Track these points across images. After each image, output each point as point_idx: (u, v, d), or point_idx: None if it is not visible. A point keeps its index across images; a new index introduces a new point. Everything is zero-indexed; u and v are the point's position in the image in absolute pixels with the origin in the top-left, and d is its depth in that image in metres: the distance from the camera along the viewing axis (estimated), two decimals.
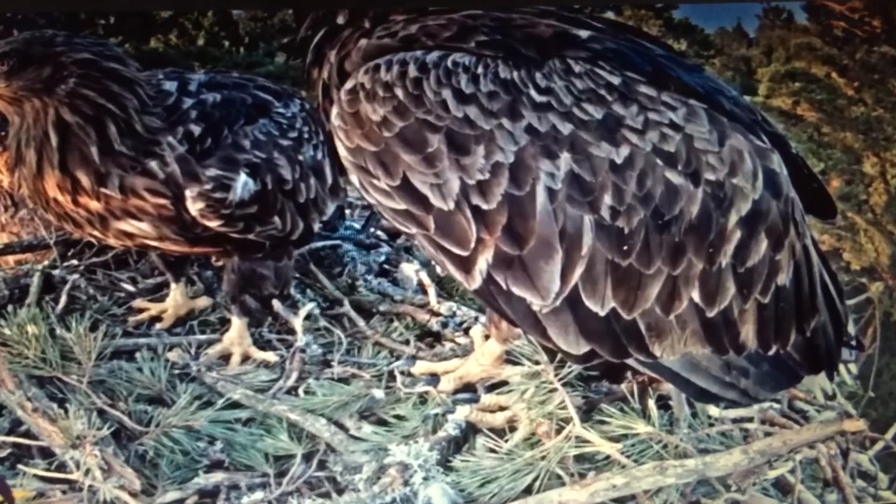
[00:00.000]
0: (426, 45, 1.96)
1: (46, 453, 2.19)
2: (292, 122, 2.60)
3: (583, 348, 1.93)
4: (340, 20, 2.05)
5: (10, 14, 2.59)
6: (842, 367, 2.45)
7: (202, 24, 4.09)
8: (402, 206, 1.89)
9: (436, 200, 1.86)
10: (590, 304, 1.89)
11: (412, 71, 1.88)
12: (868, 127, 3.97)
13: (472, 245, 1.86)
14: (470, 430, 2.22)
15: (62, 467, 2.12)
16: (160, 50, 3.95)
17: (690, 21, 4.30)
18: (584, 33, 2.00)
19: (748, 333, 2.00)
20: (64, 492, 2.09)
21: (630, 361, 1.98)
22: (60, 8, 2.35)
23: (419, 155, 1.85)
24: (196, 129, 2.39)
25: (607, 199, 1.85)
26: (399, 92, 1.87)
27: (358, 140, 1.89)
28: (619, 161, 1.86)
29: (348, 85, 1.93)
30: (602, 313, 1.90)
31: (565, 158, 1.84)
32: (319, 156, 2.64)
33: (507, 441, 2.16)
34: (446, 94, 1.86)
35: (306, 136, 2.61)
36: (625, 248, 1.87)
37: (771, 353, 2.03)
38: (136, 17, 3.77)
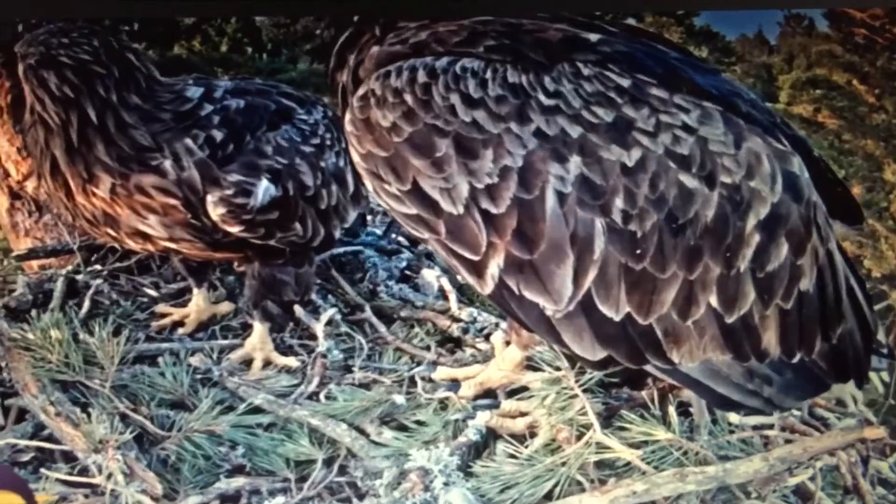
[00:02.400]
0: (436, 50, 1.97)
1: (69, 457, 2.20)
2: (315, 128, 2.60)
3: (599, 354, 1.92)
4: (377, 32, 2.05)
5: (34, 21, 2.61)
6: (873, 376, 2.43)
7: (225, 30, 4.11)
8: (413, 210, 1.89)
9: (446, 205, 1.86)
10: (604, 308, 1.89)
11: (421, 76, 1.89)
12: (889, 134, 3.96)
13: (483, 249, 1.87)
14: (490, 436, 2.22)
15: (84, 471, 2.13)
16: (184, 56, 3.97)
17: (711, 28, 4.30)
18: (593, 37, 2.00)
19: (770, 340, 1.97)
20: (86, 496, 2.09)
21: (649, 368, 1.97)
22: (84, 14, 2.36)
23: (428, 159, 1.85)
24: (218, 135, 2.41)
25: (619, 203, 1.84)
26: (408, 98, 1.88)
27: (369, 146, 1.90)
28: (630, 164, 1.85)
29: (360, 92, 1.94)
30: (617, 318, 1.89)
31: (575, 162, 1.84)
32: (341, 163, 2.64)
33: (527, 447, 2.15)
34: (454, 99, 1.86)
35: (328, 142, 2.62)
36: (638, 252, 1.86)
37: (795, 360, 2.00)
38: (160, 24, 3.78)
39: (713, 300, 1.92)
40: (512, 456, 2.14)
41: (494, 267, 1.88)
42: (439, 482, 2.05)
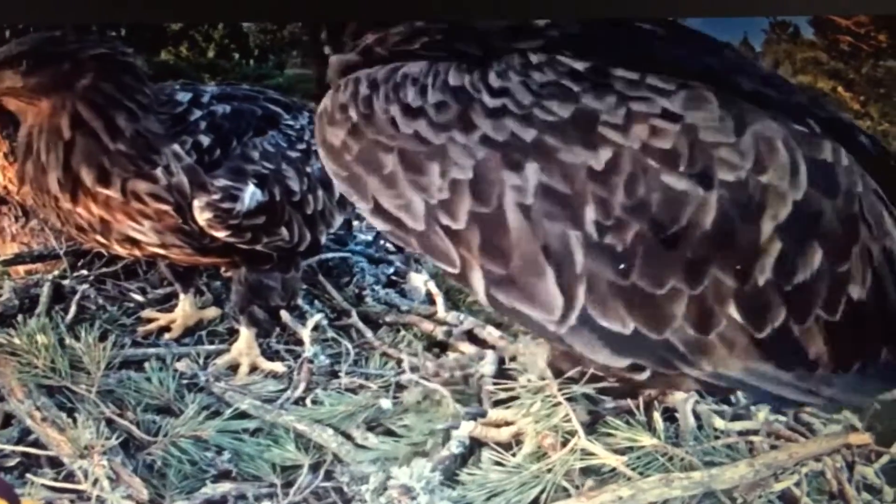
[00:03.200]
0: (378, 53, 1.83)
1: (55, 463, 2.19)
2: (301, 134, 2.61)
3: (623, 362, 1.73)
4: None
5: (21, 25, 2.61)
6: None
7: (212, 36, 4.11)
8: (386, 227, 1.75)
9: (408, 221, 1.72)
10: (607, 324, 1.67)
11: (363, 89, 1.75)
12: None
13: (458, 263, 1.70)
14: (476, 444, 2.21)
15: (70, 477, 2.12)
16: (171, 62, 3.97)
17: None
18: (541, 22, 1.77)
19: (819, 353, 1.72)
20: (72, 501, 2.08)
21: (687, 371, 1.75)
22: (71, 20, 2.36)
23: (378, 177, 1.71)
24: (205, 140, 2.41)
25: (590, 214, 1.61)
26: (353, 113, 1.74)
27: (331, 166, 1.78)
28: (598, 167, 1.61)
29: (318, 110, 1.84)
30: (626, 332, 1.67)
31: (532, 168, 1.62)
32: None
33: (514, 455, 2.14)
34: (394, 110, 1.70)
35: (314, 148, 2.62)
36: (621, 267, 1.63)
37: (855, 369, 1.76)
38: (147, 30, 3.79)
39: (734, 314, 1.66)
40: (498, 463, 2.14)
41: (477, 279, 1.69)
42: (423, 499, 2.04)
